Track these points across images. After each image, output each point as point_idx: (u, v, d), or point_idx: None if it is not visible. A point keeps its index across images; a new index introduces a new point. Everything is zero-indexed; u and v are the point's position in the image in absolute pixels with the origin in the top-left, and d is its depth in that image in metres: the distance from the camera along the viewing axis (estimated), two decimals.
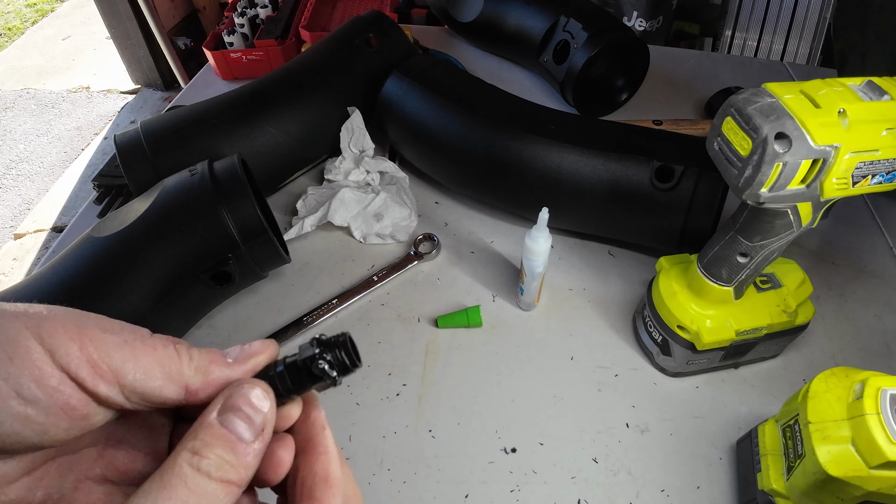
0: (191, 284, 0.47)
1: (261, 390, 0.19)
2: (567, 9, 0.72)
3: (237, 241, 0.47)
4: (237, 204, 0.47)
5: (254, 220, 0.47)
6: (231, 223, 0.47)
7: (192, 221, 0.46)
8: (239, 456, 0.18)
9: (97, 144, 2.18)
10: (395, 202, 0.59)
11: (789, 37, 1.47)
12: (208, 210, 0.46)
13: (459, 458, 0.43)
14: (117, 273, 0.44)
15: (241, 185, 0.48)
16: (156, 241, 0.45)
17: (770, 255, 0.39)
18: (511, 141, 0.54)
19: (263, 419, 0.19)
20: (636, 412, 0.46)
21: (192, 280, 0.47)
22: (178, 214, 0.46)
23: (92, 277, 0.44)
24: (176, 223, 0.46)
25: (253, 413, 0.19)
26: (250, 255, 0.48)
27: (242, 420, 0.19)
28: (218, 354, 0.20)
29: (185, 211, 0.46)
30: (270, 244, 0.48)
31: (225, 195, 0.47)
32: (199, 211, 0.46)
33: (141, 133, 0.54)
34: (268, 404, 0.19)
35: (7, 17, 2.97)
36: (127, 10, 2.10)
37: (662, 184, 0.49)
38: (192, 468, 0.17)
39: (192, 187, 0.47)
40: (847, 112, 0.32)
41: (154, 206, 0.47)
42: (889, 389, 0.30)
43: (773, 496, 0.36)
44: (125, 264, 0.44)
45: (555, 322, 0.52)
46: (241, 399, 0.19)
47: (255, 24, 0.88)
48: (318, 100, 0.62)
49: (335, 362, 0.21)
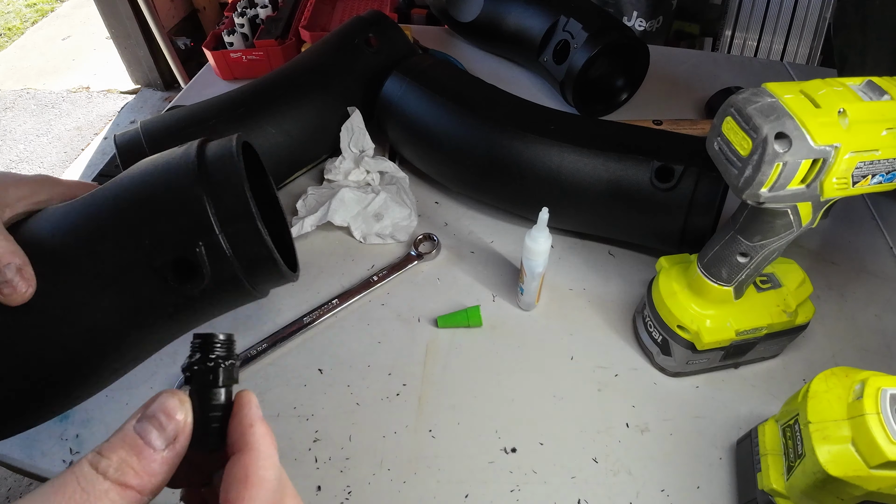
0: (144, 279, 0.34)
1: (177, 400, 0.20)
2: (567, 9, 0.72)
3: (211, 222, 0.34)
4: (219, 173, 0.36)
5: (238, 198, 0.35)
6: (207, 197, 0.34)
7: (157, 189, 0.35)
8: (143, 461, 0.19)
9: (97, 144, 2.18)
10: (395, 202, 0.59)
11: (789, 37, 1.47)
12: (180, 176, 0.35)
13: (459, 458, 0.43)
14: (56, 251, 0.34)
15: (229, 156, 0.37)
16: (106, 212, 0.35)
17: (770, 255, 0.39)
18: (511, 141, 0.54)
19: (176, 428, 0.20)
20: (636, 412, 0.46)
21: (146, 273, 0.34)
22: (140, 180, 0.36)
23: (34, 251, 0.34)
24: (136, 192, 0.36)
25: (166, 421, 0.19)
26: (231, 248, 0.35)
27: (155, 428, 0.19)
28: None
29: (151, 177, 0.36)
30: (256, 236, 0.36)
31: (206, 166, 0.36)
32: (168, 175, 0.36)
33: (141, 133, 0.54)
34: (182, 414, 0.20)
35: (7, 17, 2.97)
36: (127, 10, 2.10)
37: (662, 184, 0.49)
38: (90, 466, 0.18)
39: (171, 156, 0.38)
40: (847, 112, 0.32)
41: (121, 176, 0.38)
42: (889, 389, 0.30)
43: (773, 496, 0.36)
44: (65, 240, 0.35)
45: (555, 322, 0.52)
46: (157, 407, 0.20)
47: (255, 24, 0.88)
48: (318, 100, 0.62)
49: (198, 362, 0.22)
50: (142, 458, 0.19)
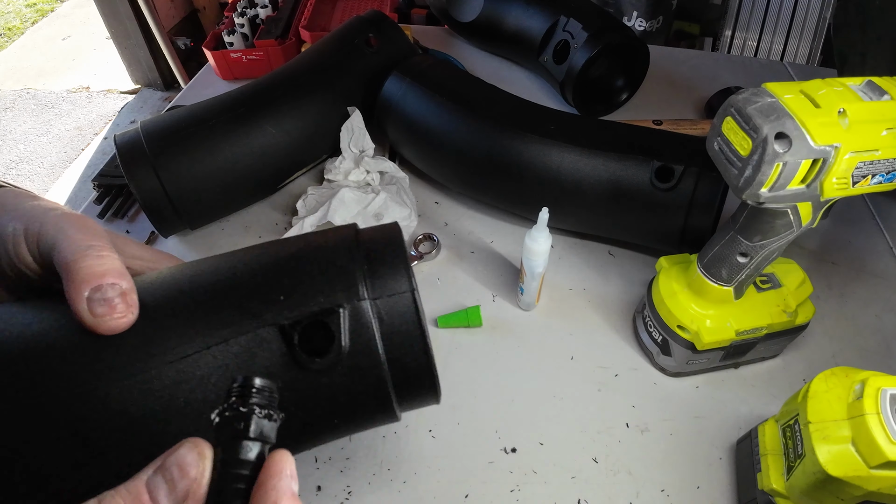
0: (264, 341, 0.28)
1: (196, 453, 0.18)
2: (567, 9, 0.72)
3: (359, 287, 0.29)
4: (377, 242, 0.31)
5: (396, 270, 0.30)
6: (360, 267, 0.29)
7: (308, 252, 0.30)
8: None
9: (97, 144, 2.18)
10: (395, 202, 0.59)
11: (789, 37, 1.47)
12: (339, 251, 0.30)
13: (459, 458, 0.43)
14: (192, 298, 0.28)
15: (391, 231, 0.32)
16: (236, 267, 0.30)
17: (770, 254, 0.39)
18: (511, 141, 0.54)
19: (187, 487, 0.18)
20: (636, 412, 0.46)
21: (269, 332, 0.28)
22: (287, 244, 0.32)
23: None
24: (282, 248, 0.31)
25: (178, 477, 0.18)
26: (378, 319, 0.29)
27: (165, 483, 0.18)
28: None
29: (300, 238, 0.32)
30: (413, 307, 0.29)
31: (365, 241, 0.31)
32: (325, 243, 0.31)
33: (141, 133, 0.54)
34: (195, 470, 0.18)
35: (7, 17, 2.97)
36: (127, 10, 2.11)
37: (662, 184, 0.49)
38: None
39: (327, 231, 0.33)
40: (847, 112, 0.32)
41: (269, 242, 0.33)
42: (889, 389, 0.30)
43: (773, 496, 0.36)
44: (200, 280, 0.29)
45: (555, 322, 0.52)
46: (173, 459, 0.18)
47: (255, 24, 0.88)
48: (318, 100, 0.62)
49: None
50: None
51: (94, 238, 0.27)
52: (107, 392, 0.25)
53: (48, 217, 0.28)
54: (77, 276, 0.25)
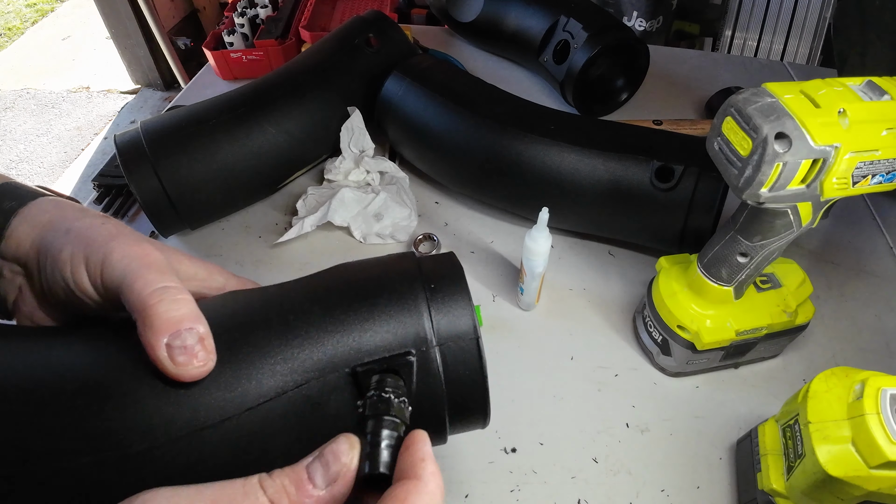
0: (337, 387, 0.28)
1: (348, 444, 0.22)
2: (567, 9, 0.72)
3: (428, 335, 0.30)
4: (443, 286, 0.32)
5: (461, 314, 0.32)
6: (429, 307, 0.31)
7: (378, 292, 0.31)
8: (300, 493, 0.21)
9: (97, 144, 2.18)
10: (395, 202, 0.59)
11: (789, 37, 1.47)
12: (404, 285, 0.31)
13: (459, 458, 0.43)
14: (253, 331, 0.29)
15: (455, 272, 0.33)
16: (308, 304, 0.30)
17: (770, 255, 0.39)
18: (511, 141, 0.54)
19: (338, 470, 0.22)
20: (636, 412, 0.46)
21: (342, 377, 0.28)
22: (355, 280, 0.32)
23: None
24: (352, 289, 0.31)
25: (332, 462, 0.22)
26: (444, 364, 0.31)
27: (321, 466, 0.22)
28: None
29: (370, 276, 0.32)
30: (475, 354, 0.32)
31: (430, 275, 0.32)
32: (390, 281, 0.32)
33: (141, 133, 0.54)
34: (346, 457, 0.22)
35: (7, 17, 2.97)
36: (127, 10, 2.11)
37: (662, 184, 0.49)
38: (258, 481, 0.21)
39: (388, 260, 0.34)
40: (847, 112, 0.32)
41: (330, 269, 0.33)
42: (889, 389, 0.30)
43: (773, 496, 0.36)
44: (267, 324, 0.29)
45: (555, 322, 0.52)
46: (329, 448, 0.22)
47: (255, 24, 0.88)
48: (318, 100, 0.62)
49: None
50: (299, 490, 0.21)
51: (166, 277, 0.27)
52: (187, 444, 0.25)
53: (113, 247, 0.27)
54: (155, 323, 0.25)
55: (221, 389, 0.26)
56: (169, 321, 0.25)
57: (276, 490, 0.20)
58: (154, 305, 0.25)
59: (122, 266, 0.26)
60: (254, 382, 0.27)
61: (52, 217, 0.29)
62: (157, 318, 0.25)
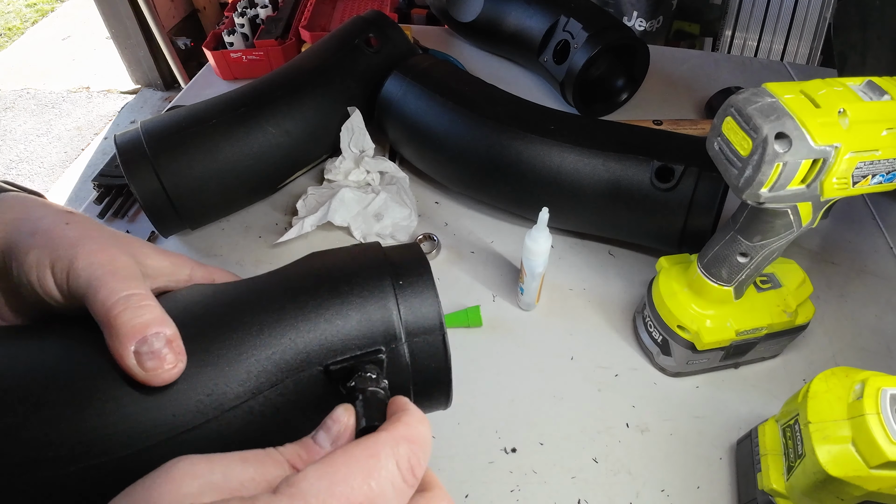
0: (311, 383, 0.30)
1: (343, 409, 0.25)
2: (567, 9, 0.72)
3: (397, 331, 0.32)
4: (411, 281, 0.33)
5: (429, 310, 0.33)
6: (397, 303, 0.32)
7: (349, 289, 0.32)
8: (311, 453, 0.23)
9: (97, 144, 2.18)
10: (395, 202, 0.59)
11: (789, 37, 1.47)
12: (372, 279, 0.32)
13: (459, 458, 0.43)
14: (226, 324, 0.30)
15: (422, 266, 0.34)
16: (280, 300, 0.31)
17: (770, 254, 0.39)
18: (511, 141, 0.54)
19: (339, 429, 0.24)
20: (636, 412, 0.46)
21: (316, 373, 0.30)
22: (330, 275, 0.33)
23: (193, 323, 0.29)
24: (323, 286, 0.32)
25: (333, 424, 0.24)
26: (412, 356, 0.32)
27: (324, 431, 0.24)
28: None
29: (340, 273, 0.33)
30: (441, 348, 0.33)
31: (398, 271, 0.33)
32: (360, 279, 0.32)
33: (141, 133, 0.54)
34: (344, 419, 0.24)
35: (7, 17, 2.97)
36: (127, 10, 2.11)
37: (662, 184, 0.49)
38: (274, 449, 0.23)
39: (357, 253, 0.35)
40: (847, 112, 0.32)
41: (300, 263, 0.34)
42: (889, 389, 0.30)
43: (773, 496, 0.36)
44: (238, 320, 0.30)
45: (555, 322, 0.52)
46: (328, 417, 0.25)
47: (255, 24, 0.88)
48: (318, 100, 0.62)
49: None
50: (310, 451, 0.23)
51: (130, 284, 0.27)
52: (169, 447, 0.26)
53: (77, 254, 0.27)
54: (121, 332, 0.25)
55: (200, 392, 0.27)
56: (134, 329, 0.25)
57: (290, 453, 0.23)
58: (118, 315, 0.25)
59: (86, 274, 0.26)
60: (231, 384, 0.28)
61: (17, 216, 0.29)
62: (122, 328, 0.25)
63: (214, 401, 0.27)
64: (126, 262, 0.28)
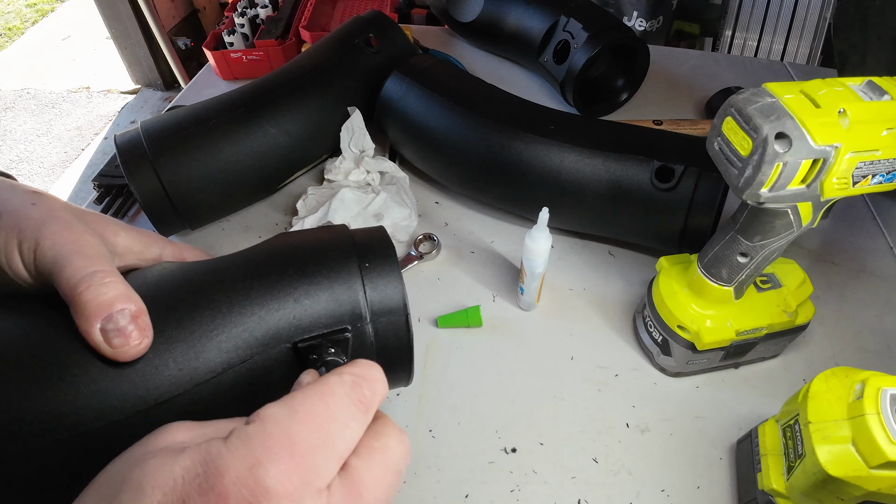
0: (279, 360, 0.31)
1: (306, 373, 0.27)
2: (567, 9, 0.72)
3: (363, 311, 0.33)
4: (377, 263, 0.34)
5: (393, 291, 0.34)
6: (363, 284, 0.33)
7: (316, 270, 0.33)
8: None
9: (97, 144, 2.18)
10: (395, 202, 0.59)
11: (789, 37, 1.47)
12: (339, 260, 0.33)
13: (459, 458, 0.43)
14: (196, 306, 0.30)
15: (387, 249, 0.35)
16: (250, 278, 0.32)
17: (770, 255, 0.39)
18: (511, 141, 0.54)
19: None
20: (636, 412, 0.46)
21: (281, 351, 0.31)
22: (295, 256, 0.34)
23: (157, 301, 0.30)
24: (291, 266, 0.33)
25: (297, 387, 0.26)
26: (376, 337, 0.33)
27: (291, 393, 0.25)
28: None
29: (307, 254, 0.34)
30: (404, 328, 0.34)
31: (364, 253, 0.34)
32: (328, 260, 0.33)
33: (141, 133, 0.54)
34: (308, 379, 0.26)
35: (7, 17, 2.97)
36: (127, 10, 2.11)
37: (662, 184, 0.49)
38: None
39: (324, 234, 0.36)
40: (847, 112, 0.32)
41: (269, 242, 0.35)
42: (889, 389, 0.30)
43: (773, 496, 0.36)
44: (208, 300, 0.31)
45: (555, 322, 0.52)
46: (296, 381, 0.26)
47: (256, 24, 0.88)
48: (318, 100, 0.62)
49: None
50: None
51: (95, 262, 0.27)
52: (142, 419, 0.27)
53: (44, 234, 0.28)
54: (86, 310, 0.25)
55: (172, 367, 0.28)
56: (99, 306, 0.26)
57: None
58: (83, 293, 0.26)
59: (52, 254, 0.27)
60: (202, 360, 0.29)
61: None
62: (87, 305, 0.25)
63: (186, 375, 0.28)
64: (91, 240, 0.29)
